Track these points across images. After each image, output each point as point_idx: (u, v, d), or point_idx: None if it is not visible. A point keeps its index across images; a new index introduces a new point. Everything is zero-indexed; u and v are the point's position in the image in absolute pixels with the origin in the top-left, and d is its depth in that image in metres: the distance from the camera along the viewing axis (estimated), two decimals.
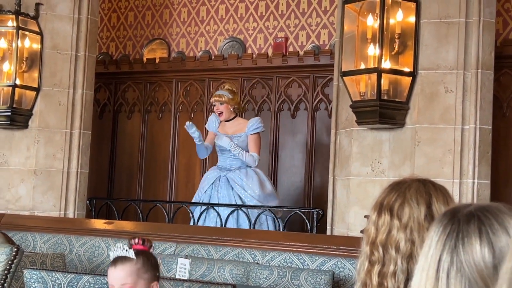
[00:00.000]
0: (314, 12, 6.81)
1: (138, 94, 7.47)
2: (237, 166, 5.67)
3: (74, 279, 3.14)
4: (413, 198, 1.57)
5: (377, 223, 1.57)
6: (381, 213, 1.57)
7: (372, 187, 4.61)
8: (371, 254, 1.55)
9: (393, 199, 1.57)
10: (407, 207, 1.56)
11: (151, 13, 7.58)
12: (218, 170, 5.73)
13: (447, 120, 4.45)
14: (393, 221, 1.55)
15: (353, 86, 4.57)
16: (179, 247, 4.42)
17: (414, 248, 1.53)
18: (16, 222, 5.07)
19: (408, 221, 1.55)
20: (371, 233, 1.57)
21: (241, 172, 5.62)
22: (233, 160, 5.69)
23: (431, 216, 1.55)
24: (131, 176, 7.38)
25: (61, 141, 5.70)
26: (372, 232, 1.57)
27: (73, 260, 4.60)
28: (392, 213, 1.56)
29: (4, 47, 5.63)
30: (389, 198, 1.58)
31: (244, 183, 5.57)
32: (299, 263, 4.03)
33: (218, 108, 5.75)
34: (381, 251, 1.54)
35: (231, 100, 5.76)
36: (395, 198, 1.58)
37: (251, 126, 5.67)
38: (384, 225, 1.56)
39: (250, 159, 5.61)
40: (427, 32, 4.50)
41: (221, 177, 5.66)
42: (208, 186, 5.69)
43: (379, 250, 1.54)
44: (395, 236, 1.54)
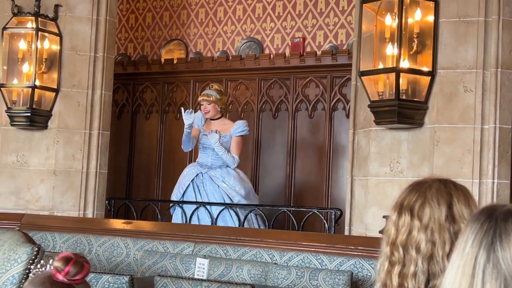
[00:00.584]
0: (331, 12, 6.80)
1: (156, 94, 7.50)
2: (218, 164, 5.81)
3: (94, 279, 3.16)
4: (434, 199, 1.55)
5: (397, 224, 1.56)
6: (401, 213, 1.56)
7: (391, 187, 4.59)
8: (391, 254, 1.55)
9: (414, 199, 1.56)
10: (427, 207, 1.55)
11: (169, 14, 7.61)
12: (198, 166, 5.85)
13: (467, 120, 4.41)
14: (413, 222, 1.54)
15: (371, 85, 4.55)
16: (197, 247, 4.43)
17: (435, 249, 1.52)
18: (36, 222, 5.12)
19: (428, 221, 1.54)
20: (391, 233, 1.57)
21: (222, 171, 5.76)
22: (215, 158, 5.82)
23: (452, 216, 1.54)
24: (149, 176, 7.41)
25: (80, 141, 5.74)
26: (392, 233, 1.56)
27: (93, 260, 4.63)
28: (413, 213, 1.55)
29: (24, 49, 5.67)
30: (409, 198, 1.57)
31: (226, 181, 5.70)
32: (317, 263, 4.02)
33: (206, 107, 5.89)
34: (401, 251, 1.53)
35: (218, 100, 5.91)
36: (416, 198, 1.57)
37: (237, 128, 5.83)
38: (405, 225, 1.55)
39: (230, 160, 5.76)
40: (446, 31, 4.47)
41: (203, 174, 5.76)
42: (188, 182, 5.75)
43: (400, 250, 1.54)
44: (416, 236, 1.53)
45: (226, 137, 5.80)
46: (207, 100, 5.87)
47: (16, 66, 5.68)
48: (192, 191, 5.78)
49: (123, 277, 3.14)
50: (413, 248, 1.52)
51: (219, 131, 5.80)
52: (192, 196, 5.75)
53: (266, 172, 6.92)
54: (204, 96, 5.91)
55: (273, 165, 6.90)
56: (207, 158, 5.83)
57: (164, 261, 4.31)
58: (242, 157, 6.88)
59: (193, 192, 5.77)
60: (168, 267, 4.27)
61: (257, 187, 6.89)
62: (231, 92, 7.13)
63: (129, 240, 4.64)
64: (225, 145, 5.78)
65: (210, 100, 5.87)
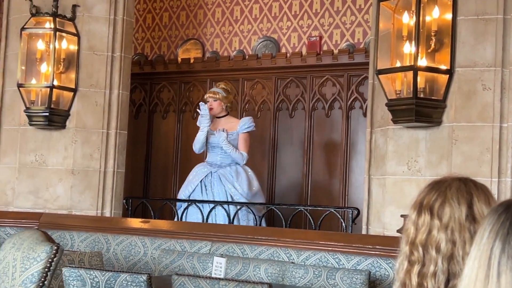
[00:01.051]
0: (348, 10, 6.78)
1: (173, 94, 7.52)
2: (227, 163, 5.82)
3: (112, 277, 3.18)
4: (454, 198, 1.54)
5: (417, 223, 1.55)
6: (421, 212, 1.55)
7: (408, 186, 4.56)
8: (411, 254, 1.54)
9: (433, 199, 1.55)
10: (447, 207, 1.54)
11: (186, 13, 7.63)
12: (208, 166, 5.85)
13: (485, 118, 4.38)
14: (433, 221, 1.53)
15: (389, 84, 4.53)
16: (214, 246, 4.44)
17: (455, 248, 1.50)
18: (54, 221, 5.15)
19: (448, 221, 1.52)
20: (410, 232, 1.56)
21: (232, 169, 5.78)
22: (224, 156, 5.83)
23: (472, 216, 1.53)
24: (166, 176, 7.44)
25: (98, 141, 5.77)
26: (412, 232, 1.55)
27: (110, 259, 4.66)
28: (433, 212, 1.54)
29: (42, 49, 5.71)
30: (429, 197, 1.56)
31: (234, 180, 5.71)
32: (335, 263, 4.02)
33: (211, 104, 5.91)
34: (421, 251, 1.53)
35: (224, 98, 5.94)
36: (436, 198, 1.55)
37: (243, 125, 5.85)
38: (424, 225, 1.54)
39: (239, 157, 5.77)
40: (464, 29, 4.44)
41: (213, 173, 5.77)
42: (197, 182, 5.77)
43: (419, 250, 1.53)
44: (436, 236, 1.52)
45: (233, 135, 5.82)
46: (213, 97, 5.92)
47: (34, 66, 5.72)
48: (199, 191, 5.79)
49: (141, 275, 3.15)
50: (433, 248, 1.51)
51: (226, 129, 5.81)
52: (199, 195, 5.76)
53: (282, 171, 6.91)
54: (210, 94, 5.97)
55: (290, 164, 6.90)
56: (216, 157, 5.85)
57: (181, 260, 4.32)
58: (259, 156, 6.88)
59: (200, 191, 5.78)
60: (186, 266, 4.29)
61: (274, 186, 6.89)
62: (247, 92, 7.13)
63: (147, 239, 4.65)
64: (232, 143, 5.80)
65: (216, 97, 5.91)
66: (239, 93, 7.14)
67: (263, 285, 3.04)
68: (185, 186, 5.92)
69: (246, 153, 5.80)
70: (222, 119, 5.95)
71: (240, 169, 5.78)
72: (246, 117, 6.10)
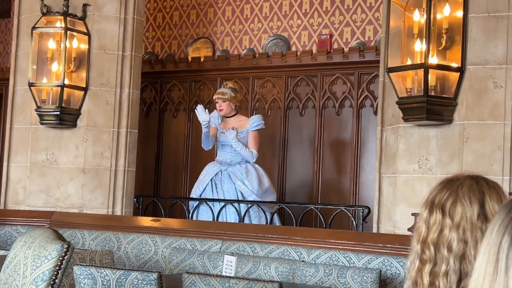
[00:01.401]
0: (359, 8, 6.76)
1: (183, 93, 7.53)
2: (237, 161, 5.83)
3: (123, 275, 3.19)
4: (466, 197, 1.53)
5: (428, 222, 1.54)
6: (432, 211, 1.54)
7: (419, 185, 4.55)
8: (422, 252, 1.53)
9: (445, 197, 1.54)
10: (459, 206, 1.52)
11: (196, 12, 7.64)
12: (218, 164, 5.86)
13: (496, 116, 4.36)
14: (445, 220, 1.52)
15: (400, 82, 4.51)
16: (224, 244, 4.44)
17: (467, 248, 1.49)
18: (65, 219, 5.17)
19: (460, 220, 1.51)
20: (422, 231, 1.55)
21: (241, 167, 5.79)
22: (234, 155, 5.85)
23: (484, 215, 1.52)
24: (177, 174, 7.45)
25: (109, 139, 5.79)
26: (423, 231, 1.54)
27: (121, 257, 4.67)
28: (444, 211, 1.53)
29: (53, 48, 5.73)
30: (440, 196, 1.55)
31: (244, 177, 5.72)
32: (345, 261, 4.01)
33: (221, 105, 5.91)
34: (432, 250, 1.51)
35: (233, 98, 5.94)
36: (447, 196, 1.54)
37: (252, 123, 5.87)
38: (436, 223, 1.52)
39: (249, 155, 5.78)
40: (475, 27, 4.42)
41: (222, 171, 5.78)
42: (208, 181, 5.79)
43: (431, 249, 1.52)
44: (447, 235, 1.51)
45: (243, 133, 5.84)
46: (222, 98, 5.91)
47: (45, 65, 5.74)
48: (210, 189, 5.80)
49: (151, 274, 3.16)
50: (445, 247, 1.50)
51: (235, 128, 5.82)
52: (210, 194, 5.78)
53: (293, 170, 6.90)
54: (219, 95, 5.95)
55: (300, 162, 6.89)
56: (226, 155, 5.86)
57: (192, 258, 4.33)
58: (269, 155, 6.88)
59: (211, 190, 5.79)
60: (196, 264, 4.29)
61: (284, 184, 6.88)
62: (258, 90, 7.13)
63: (157, 238, 4.66)
64: (242, 141, 5.81)
65: (225, 98, 5.90)
66: (249, 91, 7.14)
67: (274, 283, 3.03)
68: (196, 185, 5.94)
69: (255, 151, 5.81)
70: (232, 118, 5.96)
71: (250, 167, 5.79)
72: (255, 115, 6.10)
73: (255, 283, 3.04)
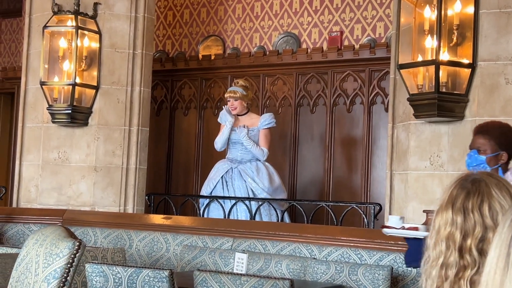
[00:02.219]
0: (369, 5, 6.74)
1: (194, 90, 7.54)
2: (247, 158, 5.83)
3: (134, 273, 3.20)
4: (500, 195, 1.50)
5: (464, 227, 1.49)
6: (468, 215, 1.50)
7: (431, 182, 4.53)
8: (461, 259, 1.49)
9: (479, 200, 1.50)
10: (497, 205, 1.49)
11: (206, 10, 7.64)
12: (228, 162, 5.87)
13: (508, 113, 4.33)
14: (485, 222, 1.48)
15: (410, 78, 4.50)
16: (236, 242, 4.45)
17: None
18: (77, 217, 5.20)
19: None
20: (456, 238, 1.50)
21: (252, 165, 5.79)
22: (244, 152, 5.85)
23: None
24: (188, 172, 7.46)
25: (120, 138, 5.81)
26: (458, 237, 1.49)
27: (133, 255, 4.69)
28: (483, 214, 1.49)
29: (64, 47, 5.76)
30: (472, 199, 1.51)
31: (254, 175, 5.72)
32: (357, 258, 4.00)
33: (233, 104, 5.90)
34: (475, 254, 1.47)
35: (245, 96, 5.94)
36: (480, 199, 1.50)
37: (264, 121, 5.87)
38: (476, 227, 1.48)
39: (259, 153, 5.79)
40: (487, 23, 4.39)
41: (233, 168, 5.79)
42: (218, 178, 5.80)
43: (473, 254, 1.47)
44: (492, 238, 1.47)
45: (254, 131, 5.84)
46: (234, 96, 5.91)
47: (56, 64, 5.77)
48: (220, 187, 5.80)
49: (163, 271, 3.17)
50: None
51: (247, 126, 5.83)
52: (220, 191, 5.78)
53: (304, 167, 6.90)
54: (231, 93, 5.94)
55: (311, 159, 6.88)
56: (237, 153, 5.86)
57: (203, 256, 4.34)
58: (280, 152, 6.88)
59: (222, 187, 5.80)
60: (207, 261, 4.30)
61: (295, 182, 6.88)
62: (268, 87, 7.13)
63: (169, 235, 4.68)
64: (253, 139, 5.82)
65: (237, 96, 5.90)
66: (260, 89, 7.13)
67: (285, 281, 3.04)
68: (207, 183, 5.95)
69: (266, 149, 5.81)
70: (244, 116, 5.96)
71: (260, 165, 5.79)
72: (267, 113, 6.10)
73: (266, 280, 3.04)
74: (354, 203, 5.42)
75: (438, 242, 1.52)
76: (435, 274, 1.51)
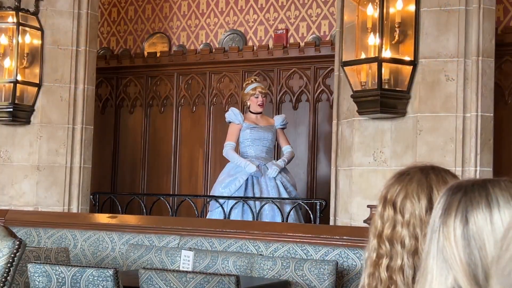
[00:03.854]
0: (314, 3, 6.80)
1: (139, 88, 7.47)
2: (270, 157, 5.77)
3: (78, 272, 3.16)
4: (414, 193, 1.55)
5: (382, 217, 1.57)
6: (385, 206, 1.57)
7: (375, 177, 4.61)
8: (379, 247, 1.56)
9: (396, 193, 1.57)
10: (408, 202, 1.55)
11: (151, 7, 7.58)
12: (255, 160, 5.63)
13: (449, 109, 4.44)
14: (396, 216, 1.55)
15: (354, 76, 4.56)
16: (183, 239, 4.43)
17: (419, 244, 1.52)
18: (20, 218, 5.09)
19: (410, 217, 1.54)
20: (377, 225, 1.57)
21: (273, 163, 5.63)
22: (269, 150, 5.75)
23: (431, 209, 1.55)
24: (134, 171, 7.39)
25: (64, 136, 5.71)
26: (379, 225, 1.57)
27: (78, 255, 4.62)
28: (396, 208, 1.55)
29: (5, 44, 5.63)
30: (392, 191, 1.57)
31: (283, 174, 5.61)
32: (303, 254, 4.04)
33: (262, 101, 5.76)
34: (387, 245, 1.54)
35: None
36: (398, 192, 1.57)
37: (281, 121, 5.84)
38: (389, 219, 1.55)
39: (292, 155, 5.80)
40: (427, 21, 4.49)
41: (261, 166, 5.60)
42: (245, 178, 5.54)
43: (386, 244, 1.54)
44: (400, 232, 1.54)
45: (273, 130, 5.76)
46: (264, 92, 5.77)
47: None
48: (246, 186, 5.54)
49: (107, 270, 3.13)
50: (398, 243, 1.53)
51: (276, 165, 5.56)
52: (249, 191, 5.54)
53: None
54: (260, 89, 5.74)
55: None
56: (262, 151, 5.68)
57: (149, 255, 4.31)
58: None
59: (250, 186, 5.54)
60: (154, 260, 4.27)
61: None
62: (215, 85, 7.12)
63: (115, 234, 4.62)
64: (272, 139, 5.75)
65: (266, 92, 5.82)
66: (207, 86, 7.12)
67: (230, 277, 3.04)
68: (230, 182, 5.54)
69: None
70: (259, 115, 5.79)
71: None
72: (280, 115, 6.01)
73: (212, 277, 3.04)
74: (300, 199, 5.47)
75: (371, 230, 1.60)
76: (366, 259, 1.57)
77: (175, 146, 7.20)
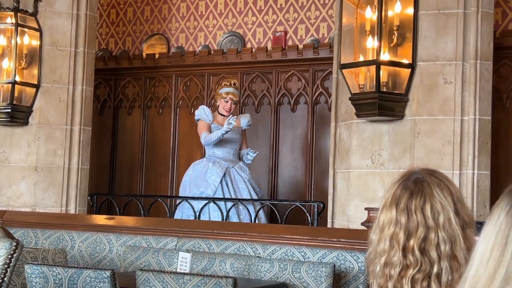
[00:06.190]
0: (313, 6, 6.80)
1: (138, 89, 7.47)
2: (236, 158, 5.84)
3: (75, 274, 3.15)
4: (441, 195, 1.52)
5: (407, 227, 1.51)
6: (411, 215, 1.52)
7: (372, 180, 4.61)
8: (404, 258, 1.50)
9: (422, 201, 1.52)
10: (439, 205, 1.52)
11: (150, 8, 7.58)
12: (223, 162, 5.70)
13: (447, 112, 4.45)
14: (427, 223, 1.51)
15: (352, 78, 4.57)
16: (180, 241, 4.43)
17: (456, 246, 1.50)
18: (17, 218, 5.08)
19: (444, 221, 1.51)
20: (400, 238, 1.50)
21: (240, 164, 5.79)
22: (234, 154, 5.81)
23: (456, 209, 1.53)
24: (132, 172, 7.39)
25: (62, 137, 5.71)
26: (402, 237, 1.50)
27: (75, 256, 4.62)
28: (425, 215, 1.51)
29: (4, 44, 5.64)
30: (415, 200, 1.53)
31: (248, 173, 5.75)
32: (300, 256, 4.04)
33: (230, 107, 5.79)
34: (418, 254, 1.50)
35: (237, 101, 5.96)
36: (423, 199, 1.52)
37: (247, 121, 5.90)
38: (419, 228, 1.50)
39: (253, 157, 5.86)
40: (426, 24, 4.50)
41: (230, 168, 5.68)
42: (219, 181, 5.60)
43: (415, 254, 1.50)
44: (433, 238, 1.50)
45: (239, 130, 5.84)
46: (235, 100, 5.81)
47: None
48: (220, 189, 5.58)
49: (104, 271, 3.13)
50: (434, 250, 1.49)
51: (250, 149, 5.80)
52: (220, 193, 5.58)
53: (249, 166, 6.91)
54: (232, 96, 5.76)
55: (256, 159, 6.89)
56: (229, 153, 5.75)
57: (147, 256, 4.31)
58: None
59: (222, 189, 5.59)
60: (151, 261, 4.27)
61: None
62: (213, 87, 7.12)
63: (112, 236, 4.62)
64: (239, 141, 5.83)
65: (237, 100, 5.87)
66: (205, 88, 7.12)
67: (228, 279, 3.04)
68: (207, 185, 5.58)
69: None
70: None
71: None
72: (245, 114, 6.09)
73: (209, 279, 3.04)
74: (298, 202, 5.47)
75: (382, 239, 1.54)
76: (378, 271, 1.53)
77: (173, 147, 7.20)
